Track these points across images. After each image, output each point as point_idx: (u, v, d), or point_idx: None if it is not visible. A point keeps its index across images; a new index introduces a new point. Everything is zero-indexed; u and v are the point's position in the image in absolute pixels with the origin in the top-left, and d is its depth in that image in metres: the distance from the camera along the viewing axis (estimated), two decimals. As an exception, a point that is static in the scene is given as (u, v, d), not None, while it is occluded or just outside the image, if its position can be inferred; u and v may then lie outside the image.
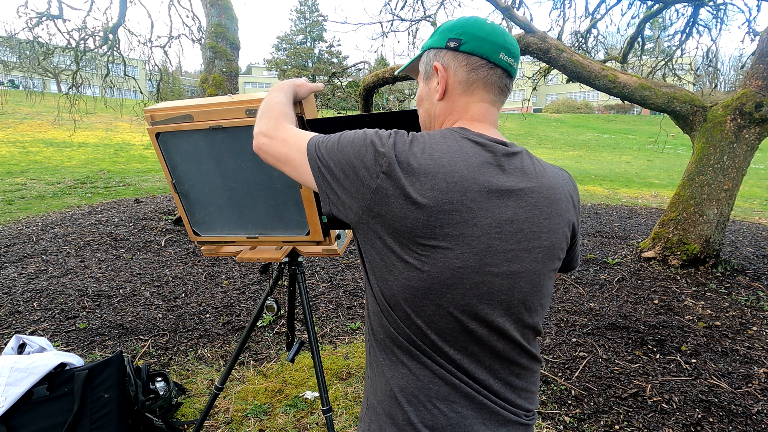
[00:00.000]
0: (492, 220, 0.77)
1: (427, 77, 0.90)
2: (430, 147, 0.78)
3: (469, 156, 0.78)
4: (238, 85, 6.31)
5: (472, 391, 0.81)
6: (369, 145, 0.79)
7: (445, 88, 0.86)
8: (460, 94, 0.86)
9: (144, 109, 1.49)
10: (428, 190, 0.74)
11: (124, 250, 4.85)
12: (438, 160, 0.76)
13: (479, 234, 0.76)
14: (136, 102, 9.17)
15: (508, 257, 0.78)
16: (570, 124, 32.28)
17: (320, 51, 52.43)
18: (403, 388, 0.82)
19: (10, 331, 3.08)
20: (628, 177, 12.69)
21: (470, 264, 0.76)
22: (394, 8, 7.21)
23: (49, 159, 11.43)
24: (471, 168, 0.77)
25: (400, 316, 0.80)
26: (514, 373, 0.85)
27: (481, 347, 0.81)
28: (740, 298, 3.70)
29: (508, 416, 0.83)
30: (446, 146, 0.79)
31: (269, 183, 1.48)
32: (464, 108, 0.86)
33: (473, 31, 0.84)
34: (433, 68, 0.87)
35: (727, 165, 4.14)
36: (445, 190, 0.75)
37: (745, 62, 8.05)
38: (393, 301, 0.80)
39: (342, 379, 2.62)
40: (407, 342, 0.81)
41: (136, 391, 2.07)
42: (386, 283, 0.80)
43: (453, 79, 0.85)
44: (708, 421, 2.25)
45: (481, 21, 0.86)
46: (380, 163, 0.76)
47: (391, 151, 0.77)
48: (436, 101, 0.88)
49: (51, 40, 7.39)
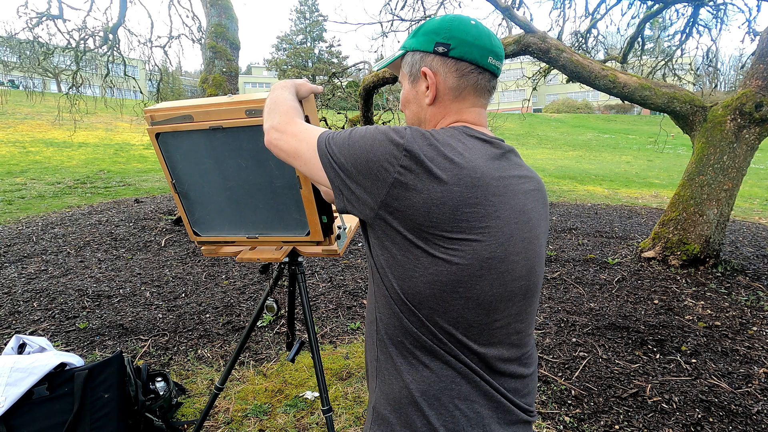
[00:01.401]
0: (511, 211, 0.80)
1: (414, 80, 0.89)
2: (447, 142, 0.78)
3: (484, 151, 0.81)
4: (238, 85, 6.31)
5: (491, 389, 0.82)
6: (384, 139, 0.77)
7: (435, 93, 0.86)
8: (452, 99, 0.86)
9: (144, 110, 1.48)
10: (455, 184, 0.74)
11: (124, 250, 4.85)
12: (461, 153, 0.77)
13: (502, 225, 0.79)
14: (136, 102, 9.16)
15: (525, 245, 0.82)
16: (570, 124, 32.27)
17: (320, 51, 52.43)
18: (425, 391, 0.80)
19: (10, 331, 3.08)
20: (628, 177, 12.69)
21: (497, 254, 0.78)
22: (394, 8, 7.21)
23: (49, 159, 11.43)
24: (488, 163, 0.79)
25: (424, 314, 0.79)
26: (524, 364, 0.88)
27: (501, 339, 0.83)
28: (740, 298, 3.70)
29: (519, 414, 0.85)
30: (461, 142, 0.79)
31: (269, 183, 1.48)
32: (457, 113, 0.87)
33: (461, 36, 0.83)
34: (422, 73, 0.86)
35: (727, 165, 4.14)
36: (471, 185, 0.75)
37: (745, 62, 8.05)
38: (418, 299, 0.78)
39: (342, 379, 2.62)
40: (431, 341, 0.80)
41: (136, 391, 2.07)
42: (411, 280, 0.78)
43: (443, 84, 0.85)
44: (708, 421, 2.25)
45: (466, 22, 0.85)
46: (398, 157, 0.75)
47: (413, 143, 0.75)
48: (426, 105, 0.88)
49: (51, 40, 7.40)
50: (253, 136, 1.40)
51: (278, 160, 1.42)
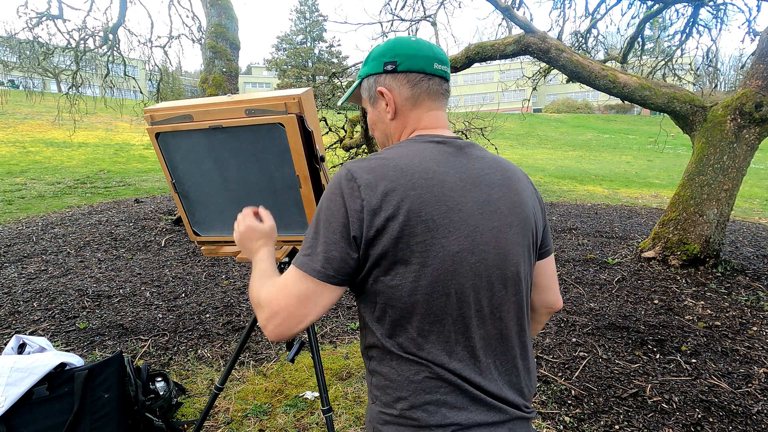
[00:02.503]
0: (473, 203, 0.84)
1: (374, 102, 0.96)
2: (394, 159, 0.83)
3: (435, 153, 0.86)
4: (238, 85, 6.31)
5: (481, 394, 0.85)
6: (334, 200, 0.80)
7: (395, 107, 0.93)
8: (410, 109, 0.93)
9: (144, 109, 1.48)
10: (404, 196, 0.78)
11: (124, 250, 4.85)
12: (407, 163, 0.82)
13: (465, 217, 0.83)
14: (136, 102, 9.16)
15: (494, 234, 0.85)
16: (570, 124, 32.28)
17: (320, 51, 52.43)
18: (413, 399, 0.83)
19: (10, 331, 3.08)
20: (628, 177, 12.69)
21: (465, 246, 0.82)
22: (394, 8, 7.20)
23: (49, 159, 11.43)
24: (440, 163, 0.85)
25: (414, 325, 0.82)
26: (519, 357, 0.90)
27: (485, 334, 0.86)
28: (740, 298, 3.70)
29: (511, 412, 0.87)
30: (411, 152, 0.85)
31: (269, 183, 1.48)
32: (417, 119, 0.93)
33: (405, 51, 0.91)
34: (378, 93, 0.93)
35: (727, 165, 4.14)
36: (425, 186, 0.80)
37: (745, 62, 8.05)
38: (404, 312, 0.81)
39: (342, 379, 2.62)
40: (415, 349, 0.83)
41: (136, 391, 2.07)
42: (395, 291, 0.80)
43: (399, 97, 0.92)
44: (708, 421, 2.25)
45: (407, 40, 0.94)
46: (353, 207, 0.78)
47: (358, 190, 0.79)
48: (389, 121, 0.95)
49: (51, 40, 7.40)
50: (253, 136, 1.40)
51: (278, 160, 1.42)
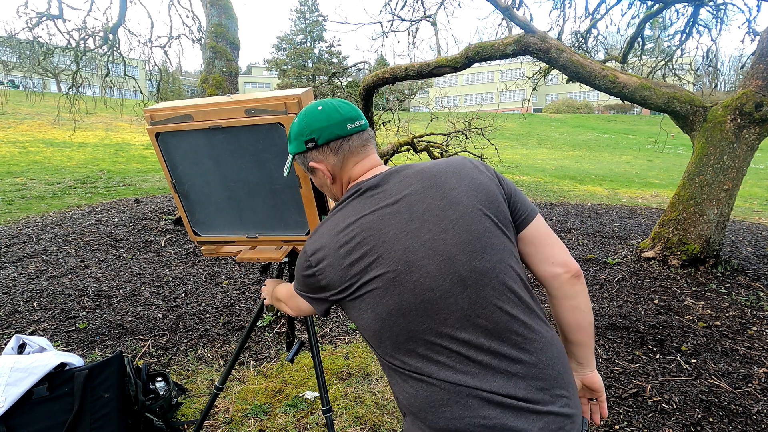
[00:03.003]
0: (395, 229, 0.92)
1: (312, 172, 1.10)
2: (326, 225, 0.99)
3: (355, 205, 0.98)
4: (238, 85, 6.31)
5: (487, 395, 0.91)
6: (300, 271, 1.03)
7: (330, 174, 1.06)
8: (341, 169, 1.06)
9: (144, 109, 1.48)
10: (341, 246, 0.94)
11: (124, 250, 4.85)
12: (333, 226, 0.97)
13: (392, 243, 0.92)
14: (136, 102, 9.16)
15: (429, 246, 0.92)
16: (570, 124, 32.28)
17: (320, 51, 52.42)
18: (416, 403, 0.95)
19: (10, 331, 3.08)
20: (628, 177, 12.69)
21: (400, 268, 0.91)
22: (394, 8, 7.21)
23: (49, 159, 11.43)
24: (359, 211, 0.96)
25: (388, 343, 0.95)
26: (514, 345, 0.92)
27: (470, 337, 0.90)
28: (740, 298, 3.70)
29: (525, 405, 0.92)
30: (339, 214, 0.99)
31: (269, 183, 1.48)
32: (349, 173, 1.06)
33: (317, 126, 1.02)
34: (312, 167, 1.06)
35: (727, 165, 4.14)
36: (350, 235, 0.93)
37: (745, 62, 8.05)
38: (375, 339, 0.97)
39: (342, 379, 2.62)
40: (403, 366, 0.95)
41: (136, 391, 2.07)
42: (363, 321, 0.96)
43: (330, 165, 1.05)
44: (708, 421, 2.25)
45: (314, 112, 1.03)
46: (308, 271, 0.99)
47: (309, 260, 0.99)
48: (330, 184, 1.09)
49: (51, 40, 7.39)
50: (253, 136, 1.40)
51: (278, 160, 1.42)
